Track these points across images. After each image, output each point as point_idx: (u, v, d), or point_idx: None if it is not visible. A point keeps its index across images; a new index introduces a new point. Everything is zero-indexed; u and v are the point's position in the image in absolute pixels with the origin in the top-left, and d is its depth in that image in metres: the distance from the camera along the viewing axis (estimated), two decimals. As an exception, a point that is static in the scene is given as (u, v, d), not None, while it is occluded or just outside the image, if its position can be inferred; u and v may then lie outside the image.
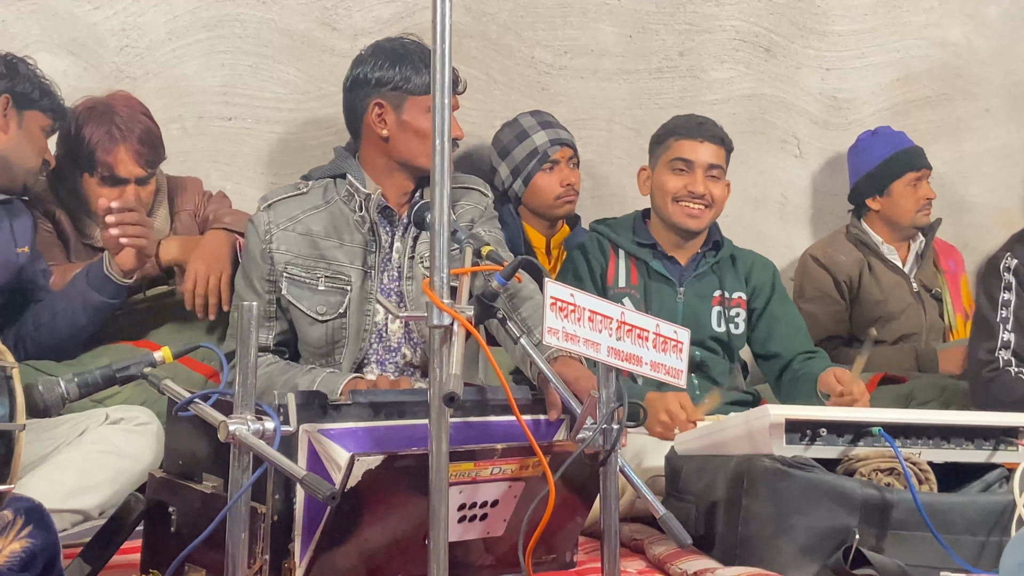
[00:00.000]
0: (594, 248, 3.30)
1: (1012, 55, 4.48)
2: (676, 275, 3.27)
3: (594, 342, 1.95)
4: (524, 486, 2.07)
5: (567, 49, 3.94)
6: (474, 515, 2.05)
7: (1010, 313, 3.19)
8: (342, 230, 2.65)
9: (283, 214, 2.65)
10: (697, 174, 3.21)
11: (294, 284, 2.63)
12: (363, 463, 1.84)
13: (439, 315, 1.80)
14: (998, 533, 2.23)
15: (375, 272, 2.65)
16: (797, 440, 2.27)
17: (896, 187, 3.93)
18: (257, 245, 2.65)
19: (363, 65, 2.68)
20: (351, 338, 2.64)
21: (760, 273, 3.34)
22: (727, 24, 4.11)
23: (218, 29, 3.54)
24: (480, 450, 2.00)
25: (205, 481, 2.06)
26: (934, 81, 4.39)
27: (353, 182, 2.65)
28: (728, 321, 3.26)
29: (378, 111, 2.65)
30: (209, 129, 3.57)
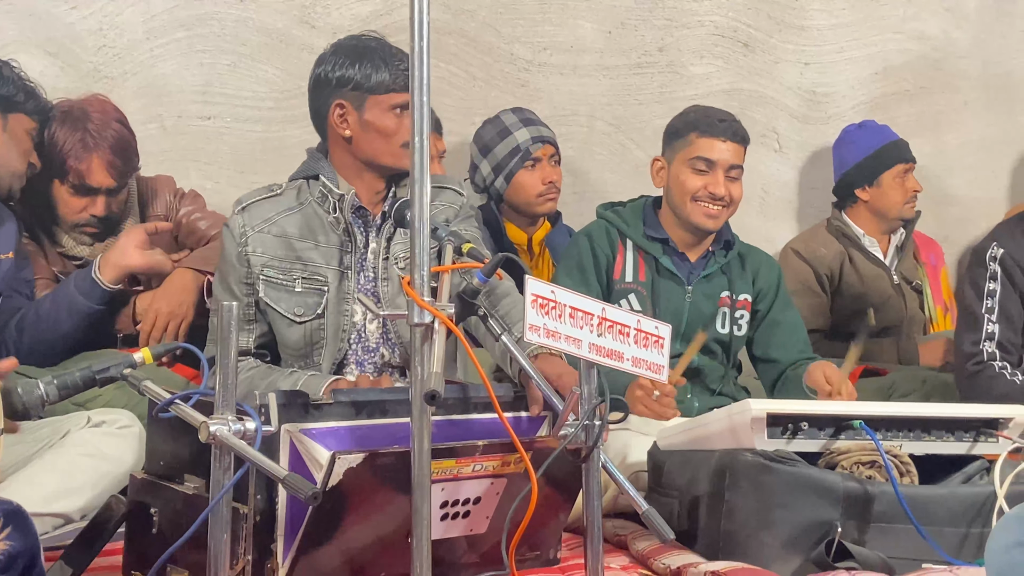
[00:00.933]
0: (602, 238, 3.20)
1: (990, 48, 4.50)
2: (685, 273, 3.18)
3: (575, 338, 1.95)
4: (506, 483, 2.07)
5: (546, 45, 3.94)
6: (457, 512, 2.05)
7: (995, 303, 3.20)
8: (317, 231, 2.64)
9: (258, 216, 2.64)
10: (718, 175, 3.12)
11: (271, 286, 2.62)
12: (344, 461, 1.84)
13: (420, 313, 1.79)
14: (979, 524, 2.24)
15: (351, 272, 2.64)
16: (779, 434, 2.28)
17: (886, 178, 3.94)
18: (233, 248, 2.63)
19: (324, 65, 2.65)
20: (329, 339, 2.63)
21: (767, 275, 3.26)
22: (706, 19, 4.12)
23: (196, 28, 3.53)
24: (461, 447, 1.99)
25: (187, 482, 2.05)
26: (913, 74, 4.41)
27: (327, 183, 2.64)
28: (732, 323, 3.20)
29: (340, 112, 2.63)
30: (188, 128, 3.56)
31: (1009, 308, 3.21)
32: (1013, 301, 3.21)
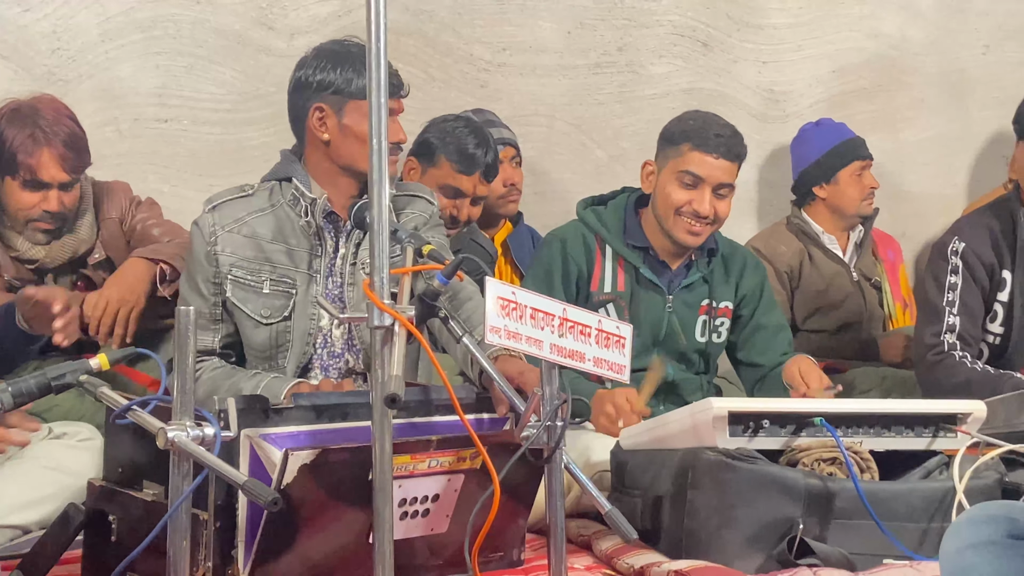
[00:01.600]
0: (576, 247, 3.07)
1: (945, 45, 4.54)
2: (666, 282, 3.09)
3: (537, 339, 1.95)
4: (463, 479, 2.06)
5: (506, 46, 3.93)
6: (415, 511, 2.04)
7: (956, 296, 3.23)
8: (288, 234, 2.63)
9: (228, 216, 2.62)
10: (705, 192, 2.99)
11: (239, 287, 2.61)
12: (297, 458, 1.83)
13: (380, 316, 1.78)
14: (939, 519, 2.25)
15: (320, 276, 2.63)
16: (740, 432, 2.29)
17: (843, 175, 3.96)
18: (202, 247, 2.61)
19: (305, 68, 2.64)
20: (295, 342, 2.62)
21: (751, 278, 3.17)
22: (664, 19, 4.13)
23: (152, 30, 3.50)
24: (415, 442, 1.99)
25: (145, 489, 2.04)
26: (870, 72, 4.44)
27: (299, 186, 2.63)
28: (712, 331, 3.14)
29: (319, 115, 2.62)
30: (145, 131, 3.53)
31: (970, 301, 3.23)
32: (974, 294, 3.24)
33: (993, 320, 3.26)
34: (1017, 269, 3.24)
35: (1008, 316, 3.25)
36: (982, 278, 3.24)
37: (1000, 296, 3.25)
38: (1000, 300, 3.26)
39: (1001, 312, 3.26)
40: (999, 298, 3.26)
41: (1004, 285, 3.25)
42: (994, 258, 3.25)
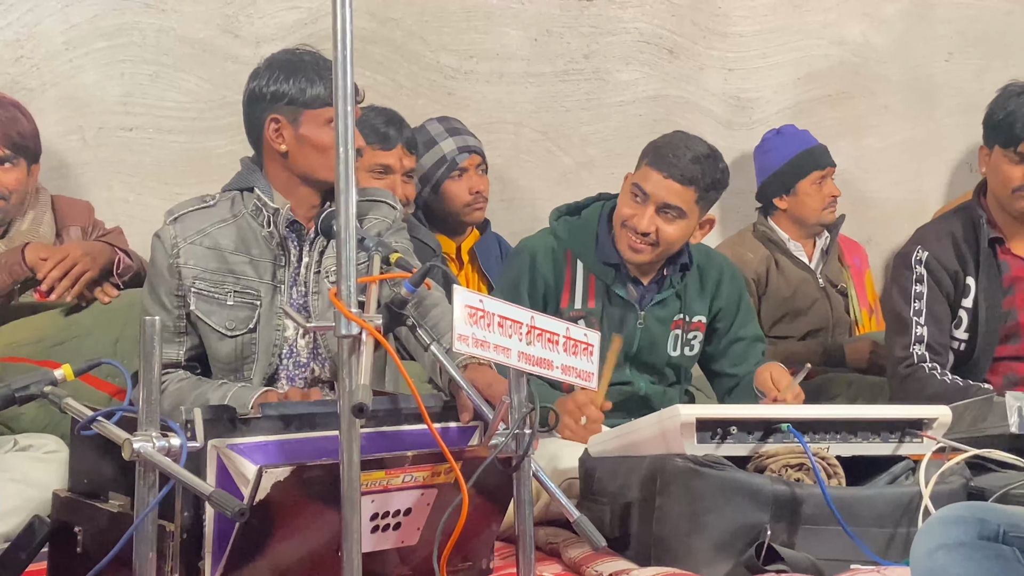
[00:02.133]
0: (546, 261, 3.02)
1: (909, 52, 4.58)
2: (637, 298, 3.04)
3: (504, 347, 1.94)
4: (437, 493, 2.06)
5: (472, 53, 3.94)
6: (387, 524, 2.03)
7: (923, 305, 3.24)
8: (250, 244, 2.61)
9: (190, 227, 2.61)
10: (648, 209, 2.92)
11: (202, 299, 2.59)
12: (271, 475, 1.82)
13: (347, 324, 1.78)
14: (905, 524, 2.27)
15: (284, 287, 2.62)
16: (708, 439, 2.29)
17: (802, 186, 3.98)
18: (164, 259, 2.60)
19: (258, 79, 2.63)
20: (260, 353, 2.61)
21: (728, 290, 3.13)
22: (631, 26, 4.14)
23: (116, 38, 3.49)
24: (391, 458, 1.98)
25: (111, 500, 2.02)
26: (835, 79, 4.47)
27: (261, 196, 2.62)
28: (684, 344, 3.11)
29: (275, 127, 2.60)
30: (110, 140, 3.51)
31: (936, 310, 3.24)
32: (940, 303, 3.25)
33: (958, 327, 3.27)
34: (980, 275, 3.26)
35: (973, 322, 3.27)
36: (947, 285, 3.26)
37: (964, 302, 3.27)
38: (964, 306, 3.27)
39: (966, 318, 3.27)
40: (963, 304, 3.27)
41: (968, 291, 3.27)
42: (957, 265, 3.26)
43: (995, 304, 3.26)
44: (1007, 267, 3.29)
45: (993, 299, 3.26)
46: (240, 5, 3.61)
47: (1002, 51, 4.68)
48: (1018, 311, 3.29)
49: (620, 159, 4.12)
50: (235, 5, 3.61)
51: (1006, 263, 3.29)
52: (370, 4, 3.76)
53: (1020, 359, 3.29)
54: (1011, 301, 3.29)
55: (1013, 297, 3.29)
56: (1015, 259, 3.30)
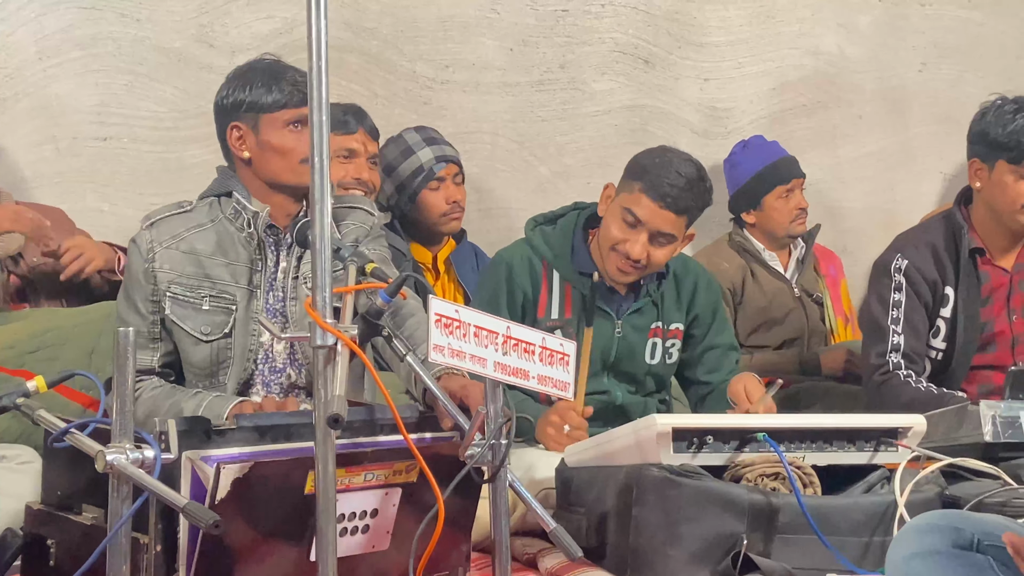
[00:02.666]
0: (522, 271, 3.01)
1: (883, 62, 4.60)
2: (614, 308, 3.03)
3: (480, 358, 1.94)
4: (401, 493, 2.05)
5: (449, 63, 3.94)
6: (355, 527, 2.03)
7: (900, 314, 3.24)
8: (227, 249, 2.61)
9: (166, 232, 2.60)
10: (642, 236, 2.90)
11: (178, 304, 2.58)
12: (229, 471, 1.81)
13: (322, 335, 1.77)
14: (881, 533, 2.27)
15: (260, 292, 2.61)
16: (684, 448, 2.29)
17: (768, 200, 3.98)
18: (140, 264, 2.59)
19: (221, 92, 2.66)
20: (236, 359, 2.60)
21: (704, 298, 3.12)
22: (606, 36, 4.15)
23: (91, 48, 3.47)
24: (348, 455, 1.96)
25: (85, 512, 2.00)
26: (809, 89, 4.48)
27: (240, 200, 2.62)
28: (663, 353, 3.10)
29: (236, 134, 2.61)
30: (84, 150, 3.49)
31: (914, 318, 3.25)
32: (918, 311, 3.26)
33: (936, 336, 3.28)
34: (960, 285, 3.26)
35: (951, 332, 3.28)
36: (925, 294, 3.26)
37: (943, 312, 3.28)
38: (943, 316, 3.28)
39: (944, 328, 3.28)
40: (942, 314, 3.28)
41: (947, 301, 3.27)
42: (937, 275, 3.27)
43: (973, 315, 3.27)
44: (987, 277, 3.30)
45: (972, 310, 3.27)
46: (215, 15, 3.61)
47: (975, 62, 4.71)
48: (995, 321, 3.31)
49: (596, 168, 4.13)
50: (210, 15, 3.60)
51: (986, 273, 3.30)
52: (345, 14, 3.76)
53: (995, 368, 3.31)
54: (989, 311, 3.31)
55: (991, 307, 3.31)
56: (995, 269, 3.31)
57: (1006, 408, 2.67)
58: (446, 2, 3.91)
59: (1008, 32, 4.77)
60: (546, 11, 4.05)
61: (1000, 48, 4.76)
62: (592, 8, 4.12)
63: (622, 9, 4.16)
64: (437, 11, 3.90)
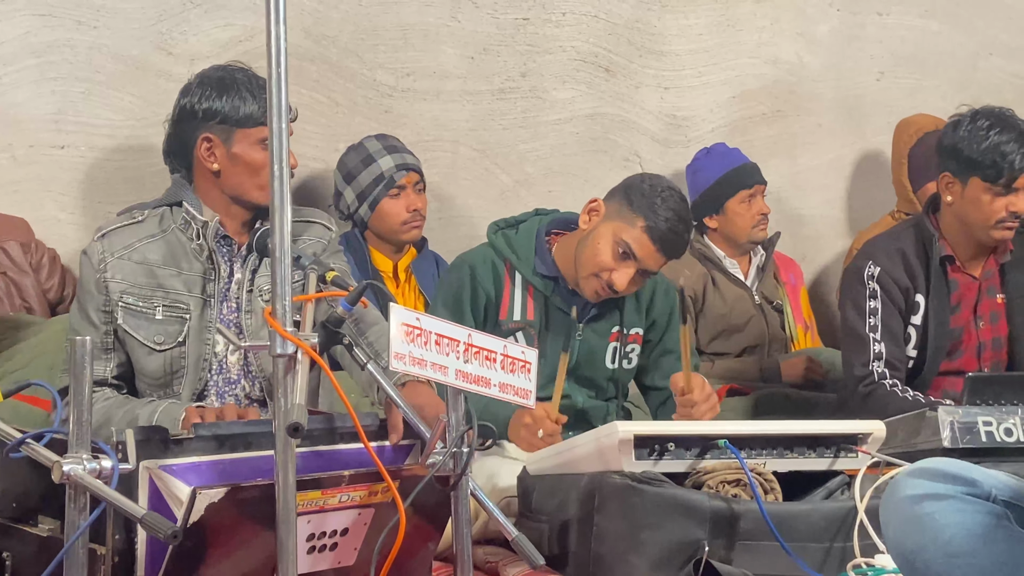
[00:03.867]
0: (485, 273, 3.02)
1: (841, 71, 4.64)
2: (576, 310, 3.04)
3: (441, 365, 1.94)
4: (374, 513, 2.04)
5: (409, 71, 3.93)
6: (324, 545, 2.01)
7: (878, 321, 3.25)
8: (180, 258, 2.59)
9: (118, 243, 2.59)
10: (630, 270, 2.94)
11: (130, 313, 2.57)
12: (205, 497, 1.79)
13: (282, 343, 1.76)
14: (841, 539, 2.28)
15: (214, 301, 2.60)
16: (646, 455, 2.29)
17: (730, 205, 4.00)
18: (92, 275, 2.57)
19: (190, 95, 2.61)
20: (190, 368, 2.58)
21: (661, 303, 3.15)
22: (567, 45, 4.16)
23: (48, 55, 3.44)
24: (327, 478, 1.96)
25: (41, 524, 1.98)
26: (769, 98, 4.51)
27: (190, 210, 2.60)
28: (622, 357, 3.12)
29: (207, 146, 2.59)
30: (41, 158, 3.46)
31: (891, 324, 3.26)
32: (894, 317, 3.27)
33: (907, 343, 3.30)
34: (931, 293, 3.28)
35: (922, 340, 3.29)
36: (899, 300, 3.28)
37: (914, 319, 3.30)
38: (913, 323, 3.30)
39: (915, 336, 3.30)
40: (913, 322, 3.30)
41: (917, 309, 3.29)
42: (908, 282, 3.28)
43: (943, 322, 3.29)
44: (956, 285, 3.32)
45: (942, 317, 3.29)
46: (174, 22, 3.58)
47: (932, 71, 4.76)
48: (962, 329, 3.33)
49: (558, 176, 4.14)
50: (169, 22, 3.58)
51: (955, 281, 3.32)
52: (305, 22, 3.75)
53: (961, 374, 3.33)
54: (957, 319, 3.33)
55: (959, 315, 3.33)
56: (964, 276, 3.34)
57: (964, 414, 2.69)
58: (407, 10, 3.91)
59: (963, 42, 4.82)
60: (507, 19, 4.06)
61: (955, 57, 4.81)
62: (553, 16, 4.12)
63: (583, 18, 4.17)
64: (397, 19, 3.90)
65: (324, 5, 3.79)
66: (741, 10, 4.44)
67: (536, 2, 4.09)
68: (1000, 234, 3.25)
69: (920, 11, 4.75)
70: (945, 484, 1.71)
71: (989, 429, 2.69)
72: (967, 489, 1.70)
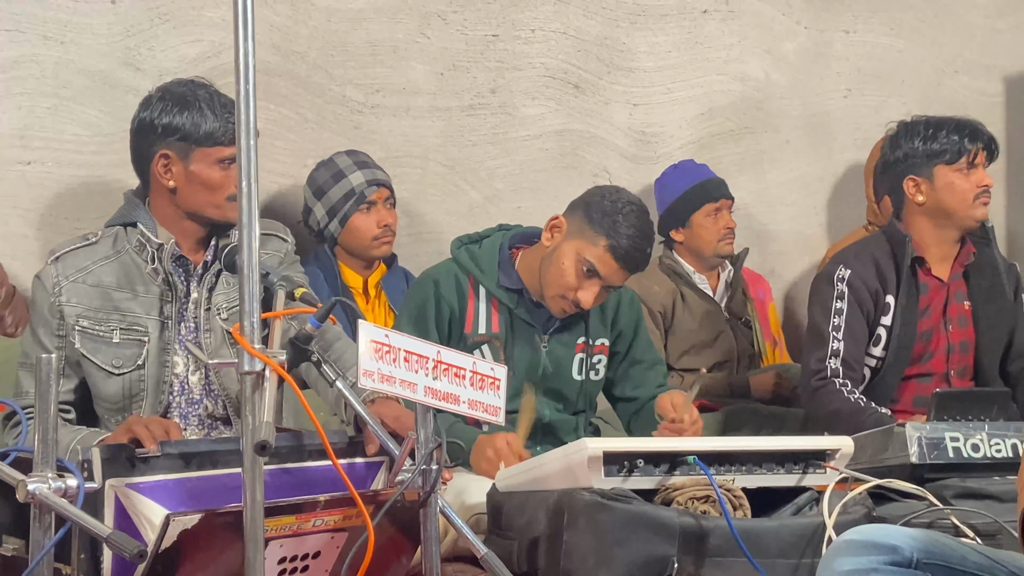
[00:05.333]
0: (449, 287, 3.02)
1: (808, 88, 4.67)
2: (541, 322, 3.06)
3: (411, 382, 1.94)
4: (347, 536, 2.03)
5: (378, 87, 3.93)
6: (295, 568, 2.00)
7: (842, 321, 3.33)
8: (135, 281, 2.56)
9: (72, 266, 2.55)
10: (595, 287, 2.96)
11: (87, 337, 2.53)
12: (179, 523, 1.77)
13: (250, 361, 1.75)
14: (810, 555, 2.29)
15: (172, 323, 2.57)
16: (615, 472, 2.29)
17: (696, 218, 4.02)
18: (45, 300, 2.53)
19: (150, 109, 2.58)
20: (150, 391, 2.55)
21: (626, 314, 3.17)
22: (536, 61, 4.17)
23: (13, 70, 3.42)
24: (303, 503, 1.94)
25: (5, 544, 1.96)
26: (736, 114, 4.54)
27: (144, 232, 2.57)
28: (589, 368, 3.13)
29: (164, 163, 2.56)
30: (7, 174, 3.43)
31: (855, 326, 3.33)
32: (858, 319, 3.34)
33: (876, 344, 3.36)
34: (900, 294, 3.35)
35: (890, 340, 3.36)
36: (866, 302, 3.35)
37: (884, 320, 3.37)
38: (884, 324, 3.37)
39: (884, 336, 3.37)
40: (883, 322, 3.37)
41: (888, 309, 3.37)
42: (878, 284, 3.37)
43: (910, 323, 3.36)
44: (925, 288, 3.40)
45: (908, 318, 3.36)
46: (142, 38, 3.57)
47: (897, 87, 4.80)
48: (932, 331, 3.39)
49: (527, 192, 4.14)
50: (136, 38, 3.56)
51: (925, 284, 3.40)
52: (274, 37, 3.74)
53: (931, 376, 3.40)
54: (927, 322, 3.39)
55: (929, 318, 3.39)
56: (934, 280, 3.42)
57: (931, 429, 2.71)
58: (375, 26, 3.91)
59: (927, 59, 4.86)
60: (476, 36, 4.06)
61: (921, 74, 4.86)
62: (522, 33, 4.13)
63: (552, 34, 4.18)
64: (366, 35, 3.90)
65: (293, 21, 3.79)
66: (709, 27, 4.47)
67: (505, 19, 4.10)
68: (980, 211, 3.38)
69: (886, 29, 4.79)
70: (869, 557, 1.81)
71: (956, 445, 2.71)
72: (889, 558, 1.80)
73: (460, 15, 4.03)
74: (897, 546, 1.83)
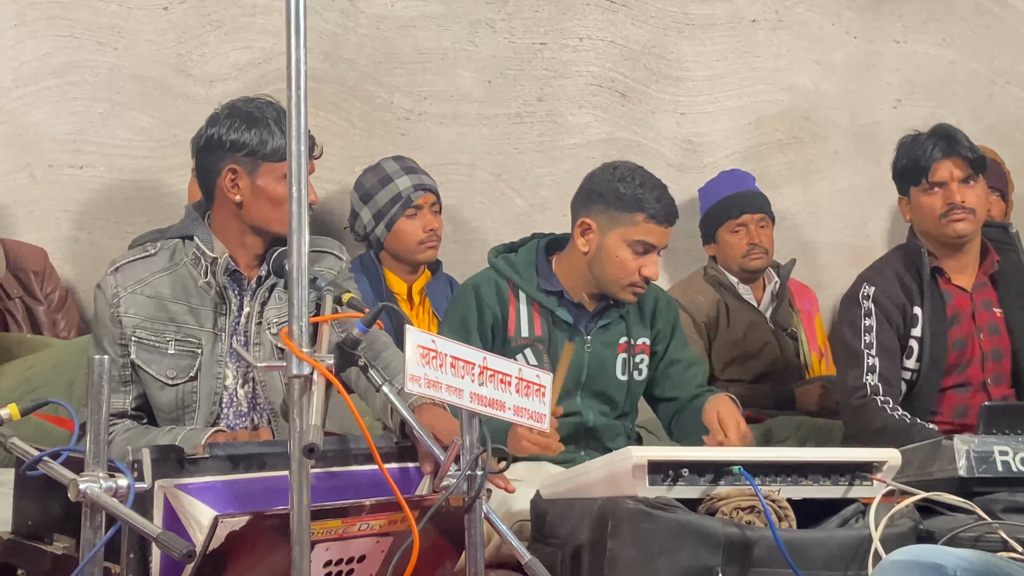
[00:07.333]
0: (490, 293, 3.06)
1: (857, 99, 4.64)
2: (583, 323, 3.08)
3: (457, 388, 1.94)
4: (392, 540, 2.04)
5: (426, 95, 3.95)
6: (340, 571, 2.01)
7: (873, 338, 3.31)
8: (191, 293, 2.59)
9: (131, 277, 2.59)
10: (653, 258, 3.04)
11: (143, 348, 2.57)
12: (227, 525, 1.79)
13: (298, 364, 1.77)
14: (856, 567, 2.27)
15: (224, 335, 2.60)
16: (660, 481, 2.28)
17: (721, 234, 4.04)
18: (106, 309, 2.58)
19: (217, 126, 2.61)
20: (201, 402, 2.58)
21: (664, 314, 3.19)
22: (584, 70, 4.17)
23: (67, 76, 3.47)
24: (350, 507, 1.95)
25: (56, 542, 1.98)
26: (784, 124, 4.52)
27: (200, 245, 2.60)
28: (633, 368, 3.14)
29: (231, 177, 2.59)
30: (59, 178, 3.48)
31: (886, 342, 3.31)
32: (889, 335, 3.32)
33: (909, 357, 3.34)
34: (925, 304, 3.33)
35: (923, 351, 3.33)
36: (895, 317, 3.33)
37: (914, 332, 3.34)
38: (914, 336, 3.34)
39: (916, 348, 3.34)
40: (913, 334, 3.34)
41: (917, 321, 3.35)
42: (904, 297, 3.35)
43: (940, 332, 3.33)
44: (949, 297, 3.38)
45: (938, 328, 3.33)
46: (193, 44, 3.61)
47: (948, 99, 4.76)
48: (966, 340, 3.36)
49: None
50: (188, 44, 3.60)
51: (948, 293, 3.38)
52: (324, 44, 3.77)
53: (968, 386, 3.36)
54: (957, 331, 3.36)
55: (959, 327, 3.36)
56: (955, 289, 3.39)
57: (980, 443, 2.68)
58: (424, 34, 3.93)
59: (978, 70, 4.82)
60: (524, 44, 4.07)
61: (971, 86, 4.81)
62: (570, 42, 4.14)
63: (599, 43, 4.19)
64: (415, 43, 3.92)
65: (343, 28, 3.81)
66: (757, 37, 4.45)
67: (553, 27, 4.11)
68: (952, 228, 3.34)
69: (936, 40, 4.75)
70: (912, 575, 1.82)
71: (1005, 459, 2.68)
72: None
73: (508, 23, 4.04)
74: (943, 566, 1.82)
